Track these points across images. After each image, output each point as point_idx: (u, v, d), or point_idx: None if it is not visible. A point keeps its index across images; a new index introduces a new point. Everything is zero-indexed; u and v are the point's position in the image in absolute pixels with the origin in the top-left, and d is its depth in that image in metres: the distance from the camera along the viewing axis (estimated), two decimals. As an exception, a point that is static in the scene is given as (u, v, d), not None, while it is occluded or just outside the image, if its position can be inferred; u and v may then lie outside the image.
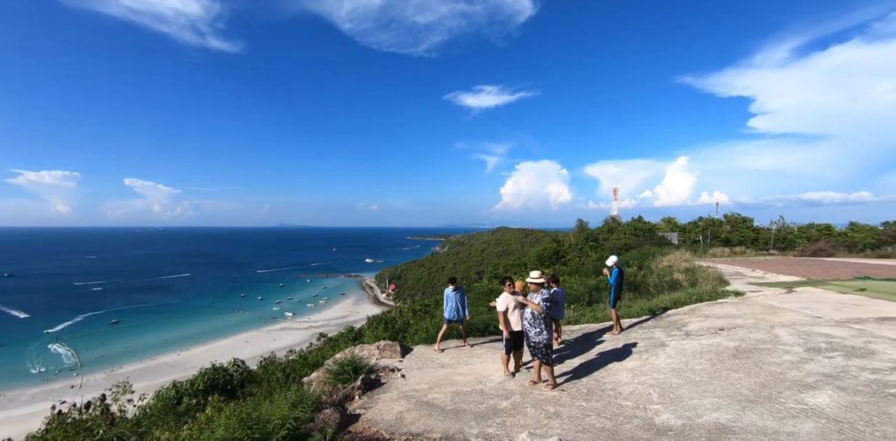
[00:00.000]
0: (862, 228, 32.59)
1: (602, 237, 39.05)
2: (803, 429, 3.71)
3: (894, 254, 25.70)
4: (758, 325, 7.47)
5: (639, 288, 14.53)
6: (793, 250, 29.42)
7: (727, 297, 10.43)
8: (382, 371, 7.80)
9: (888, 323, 7.01)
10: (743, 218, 38.43)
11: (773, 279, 13.37)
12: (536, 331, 5.85)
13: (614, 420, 4.51)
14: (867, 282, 11.80)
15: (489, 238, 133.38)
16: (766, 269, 16.73)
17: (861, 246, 29.00)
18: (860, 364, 5.09)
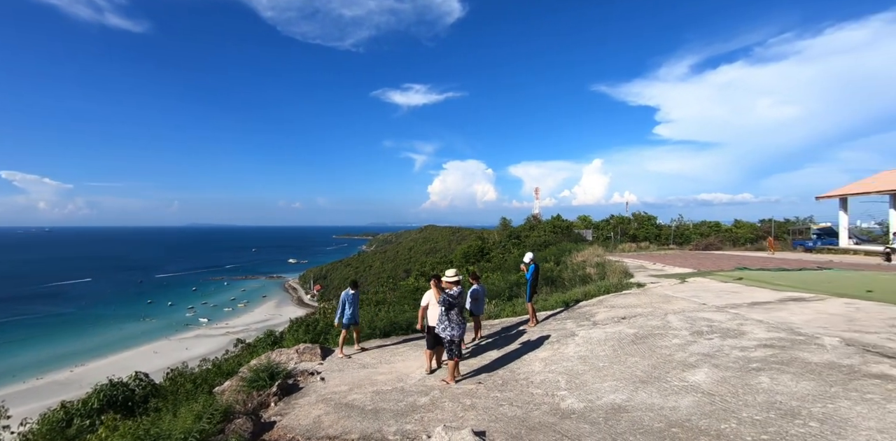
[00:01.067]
0: (743, 225, 37.12)
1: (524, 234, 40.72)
2: (683, 403, 4.19)
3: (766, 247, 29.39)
4: (654, 312, 8.26)
5: (555, 282, 15.39)
6: (689, 245, 32.71)
7: (631, 288, 11.40)
8: (301, 375, 7.59)
9: (758, 307, 8.07)
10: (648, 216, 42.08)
11: (670, 271, 14.81)
12: (441, 327, 6.06)
13: (525, 408, 4.78)
14: (744, 272, 13.48)
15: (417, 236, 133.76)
16: (666, 262, 18.48)
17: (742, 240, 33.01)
18: (732, 343, 5.83)
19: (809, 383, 4.20)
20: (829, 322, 6.58)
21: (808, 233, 28.55)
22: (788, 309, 7.72)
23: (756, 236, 33.46)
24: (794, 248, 26.86)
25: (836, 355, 4.92)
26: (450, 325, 6.01)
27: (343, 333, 8.84)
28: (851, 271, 13.60)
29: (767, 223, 35.36)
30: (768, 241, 25.56)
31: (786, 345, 5.48)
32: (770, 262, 17.20)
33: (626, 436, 3.72)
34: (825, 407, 3.69)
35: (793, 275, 12.59)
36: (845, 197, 24.82)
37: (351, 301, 8.73)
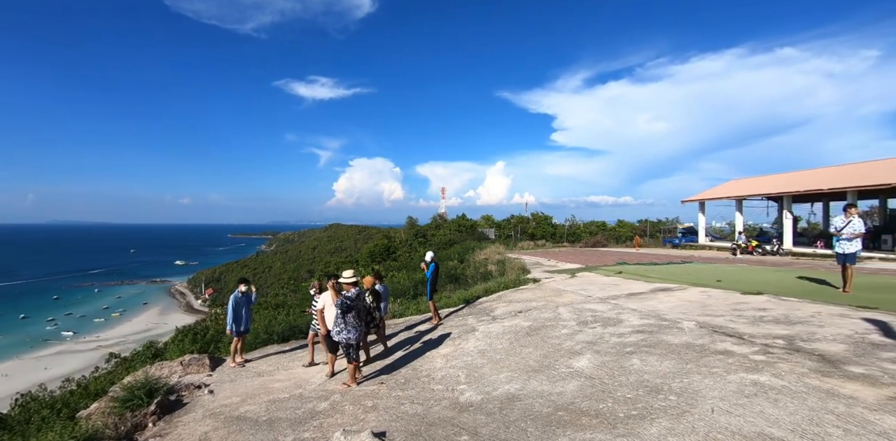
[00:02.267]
0: (625, 225, 41.40)
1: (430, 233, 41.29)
2: (569, 388, 4.56)
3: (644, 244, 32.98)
4: (547, 306, 8.88)
5: (459, 279, 15.84)
6: (580, 242, 35.62)
7: (528, 283, 12.13)
8: (186, 389, 6.94)
9: (633, 297, 9.05)
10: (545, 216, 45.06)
11: (563, 267, 16.02)
12: (337, 330, 5.95)
13: (426, 404, 4.85)
14: (624, 266, 15.05)
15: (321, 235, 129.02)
16: (559, 258, 19.95)
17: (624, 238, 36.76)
18: (612, 331, 6.46)
19: (671, 362, 4.82)
20: (688, 308, 7.60)
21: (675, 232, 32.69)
22: (657, 298, 8.77)
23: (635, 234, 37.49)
24: (664, 245, 30.58)
25: (692, 337, 5.70)
26: (346, 328, 5.89)
27: (235, 341, 8.23)
28: (707, 264, 15.85)
29: (644, 223, 39.79)
30: (635, 239, 30.13)
31: (654, 330, 6.23)
32: (645, 257, 19.42)
33: (518, 423, 3.94)
34: (682, 382, 4.25)
35: (661, 268, 14.34)
36: (703, 201, 28.84)
37: (242, 303, 8.11)
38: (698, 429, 3.32)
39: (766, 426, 3.24)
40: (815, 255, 19.37)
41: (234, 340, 8.20)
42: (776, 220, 27.16)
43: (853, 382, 3.90)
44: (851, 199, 20.08)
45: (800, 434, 3.09)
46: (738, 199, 26.40)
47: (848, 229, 8.42)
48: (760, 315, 6.72)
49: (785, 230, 23.23)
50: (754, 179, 29.96)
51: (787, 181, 25.13)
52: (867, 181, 19.17)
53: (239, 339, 8.21)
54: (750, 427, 3.26)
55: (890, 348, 4.85)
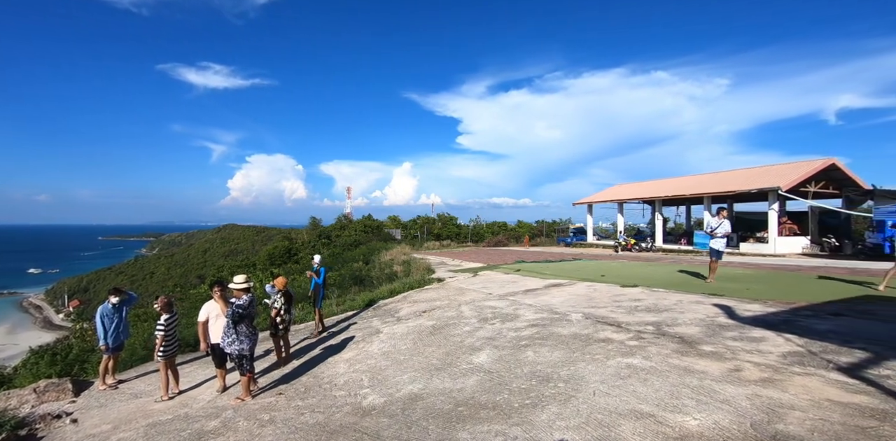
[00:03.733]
0: (524, 225, 43.92)
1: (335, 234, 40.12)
2: (469, 383, 4.72)
3: (541, 243, 35.26)
4: (450, 304, 9.11)
5: (364, 281, 15.60)
6: (483, 242, 37.05)
7: (432, 283, 12.33)
8: (41, 421, 5.98)
9: (530, 293, 9.64)
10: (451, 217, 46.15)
11: (466, 266, 16.54)
12: (228, 341, 5.55)
13: (327, 412, 4.71)
14: (522, 264, 15.97)
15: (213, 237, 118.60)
16: (463, 258, 20.57)
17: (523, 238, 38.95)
18: (509, 326, 6.82)
19: (560, 352, 5.22)
20: (577, 301, 8.30)
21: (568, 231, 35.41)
22: (551, 293, 9.44)
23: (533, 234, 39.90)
24: (558, 244, 33.01)
25: (579, 327, 6.24)
26: (238, 338, 5.50)
27: (105, 359, 7.24)
28: (593, 261, 17.43)
29: (541, 223, 42.56)
30: (524, 239, 33.15)
31: (546, 323, 6.70)
32: (541, 256, 20.79)
33: (420, 422, 3.99)
34: (569, 369, 4.63)
35: (555, 265, 15.47)
36: (591, 204, 31.65)
37: (112, 315, 7.10)
38: (582, 411, 3.64)
39: (637, 403, 3.66)
40: (680, 251, 22.26)
41: (104, 358, 7.20)
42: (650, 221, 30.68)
43: (704, 359, 4.57)
44: (706, 204, 23.44)
45: (663, 407, 3.54)
46: (620, 202, 29.43)
47: (720, 229, 9.89)
48: (635, 305, 7.57)
49: (657, 230, 26.40)
50: (633, 185, 33.61)
51: (658, 187, 28.58)
52: (718, 188, 22.50)
53: (110, 357, 7.23)
54: (624, 405, 3.65)
55: (732, 328, 5.75)
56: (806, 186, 20.09)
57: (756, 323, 6.00)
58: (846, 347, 4.80)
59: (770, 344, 5.03)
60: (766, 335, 5.38)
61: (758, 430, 3.11)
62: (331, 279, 17.12)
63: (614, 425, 3.34)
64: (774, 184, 19.20)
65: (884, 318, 6.10)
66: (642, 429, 3.25)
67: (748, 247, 20.59)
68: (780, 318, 6.23)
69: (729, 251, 20.56)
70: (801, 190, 19.91)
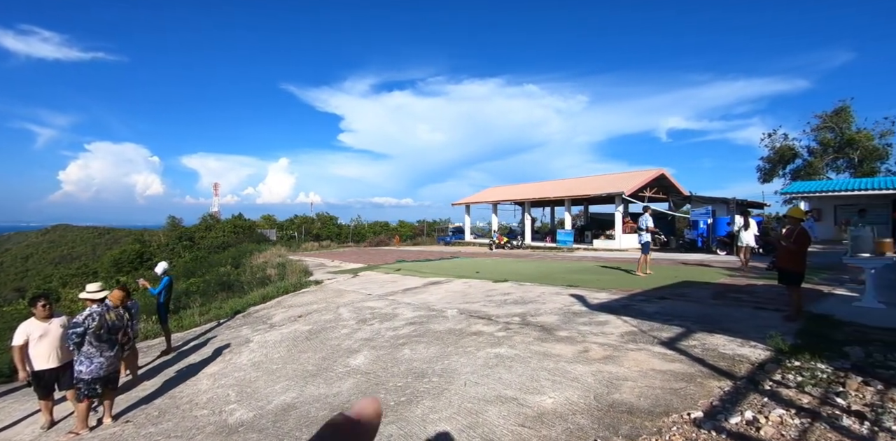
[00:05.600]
0: (406, 225, 44.40)
1: (199, 235, 36.18)
2: (345, 387, 4.66)
3: (422, 242, 36.00)
4: (328, 307, 8.85)
5: (233, 287, 14.35)
6: (364, 242, 36.59)
7: (309, 286, 11.83)
8: None
9: (409, 292, 9.80)
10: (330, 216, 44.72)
11: (346, 267, 16.20)
12: (76, 361, 4.78)
13: (186, 435, 4.26)
14: (402, 264, 16.15)
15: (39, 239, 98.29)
16: (343, 258, 20.09)
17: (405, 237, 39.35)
18: (388, 326, 6.87)
19: (435, 348, 5.42)
20: (453, 298, 8.67)
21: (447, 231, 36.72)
22: (429, 291, 9.72)
23: (414, 234, 40.54)
24: (438, 243, 34.05)
25: (454, 323, 6.54)
26: (78, 358, 4.71)
27: None
28: (470, 258, 18.35)
29: (422, 223, 43.45)
30: (395, 239, 33.83)
31: (423, 320, 6.89)
32: (421, 254, 21.24)
33: (293, 432, 3.83)
34: (443, 364, 4.83)
35: (434, 264, 15.95)
36: (468, 204, 33.22)
37: None
38: (454, 402, 3.83)
39: (503, 389, 3.97)
40: (545, 247, 24.54)
41: None
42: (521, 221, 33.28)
43: (560, 344, 5.13)
44: (567, 205, 26.19)
45: (524, 390, 3.89)
46: (494, 203, 31.41)
47: (649, 224, 11.39)
48: (505, 298, 8.17)
49: (526, 229, 28.74)
50: (506, 188, 36.11)
51: (528, 190, 31.14)
52: (577, 192, 25.29)
53: None
54: (491, 392, 3.94)
55: (584, 315, 6.54)
56: (643, 192, 23.68)
57: (602, 309, 6.91)
58: (667, 325, 5.78)
59: (612, 326, 5.84)
60: (610, 319, 6.23)
61: (599, 401, 3.60)
62: (193, 286, 15.42)
63: (482, 412, 3.59)
64: (619, 189, 22.23)
65: (693, 299, 7.49)
66: (506, 412, 3.55)
67: (600, 243, 23.52)
68: (621, 304, 7.27)
69: (584, 247, 23.28)
70: (639, 195, 23.40)
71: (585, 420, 3.31)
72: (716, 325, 5.73)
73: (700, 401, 3.54)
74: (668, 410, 3.39)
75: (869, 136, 32.04)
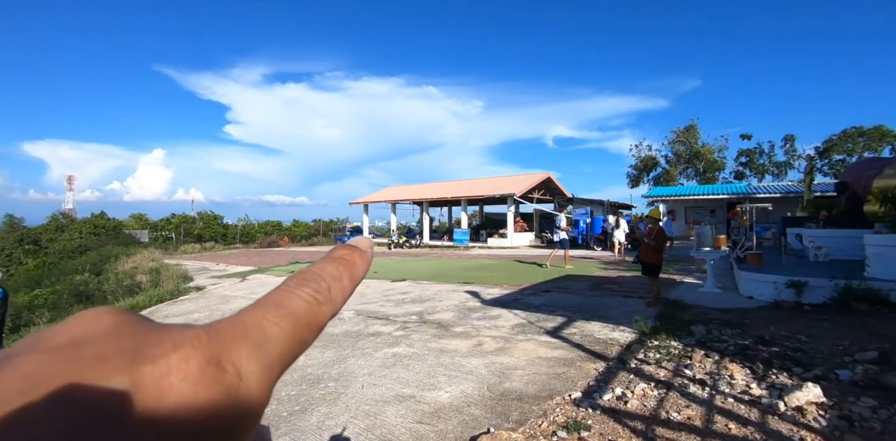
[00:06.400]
0: (300, 224, 42.32)
1: (47, 238, 30.77)
2: (231, 400, 4.30)
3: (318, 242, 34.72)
4: (212, 316, 8.10)
5: (93, 297, 12.46)
6: (254, 243, 34.16)
7: (189, 293, 10.72)
8: None
9: (304, 295, 9.37)
10: (215, 215, 40.90)
11: (233, 270, 14.99)
12: None
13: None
14: (297, 265, 15.41)
15: None
16: (230, 261, 18.55)
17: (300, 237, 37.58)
18: (280, 332, 6.49)
19: (331, 351, 5.26)
20: (351, 299, 8.48)
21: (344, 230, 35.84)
22: (325, 293, 9.39)
23: (310, 234, 38.88)
24: (335, 243, 33.10)
25: (351, 324, 6.40)
26: None
27: None
28: (369, 258, 18.11)
29: (318, 223, 41.84)
30: (284, 239, 32.60)
31: (320, 324, 6.65)
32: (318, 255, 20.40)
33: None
34: (340, 367, 4.71)
35: (332, 265, 15.47)
36: (367, 204, 32.76)
37: None
38: (351, 406, 3.76)
39: (401, 388, 3.99)
40: (443, 246, 25.14)
41: None
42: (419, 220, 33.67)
43: (456, 339, 5.30)
44: (464, 205, 27.10)
45: (421, 387, 3.95)
46: (393, 202, 31.37)
47: (561, 222, 11.87)
48: (403, 298, 8.21)
49: (425, 228, 29.17)
50: (405, 187, 36.28)
51: (426, 190, 31.62)
52: (473, 193, 26.30)
53: None
54: (389, 392, 3.93)
55: (478, 310, 6.83)
56: (532, 193, 25.43)
57: (495, 304, 7.28)
58: (552, 315, 6.28)
59: (504, 319, 6.18)
60: (502, 313, 6.59)
61: (492, 391, 3.79)
62: (39, 299, 13.09)
63: (380, 413, 3.57)
64: (511, 191, 23.60)
65: (574, 291, 8.23)
66: (404, 410, 3.57)
67: (493, 241, 24.75)
68: (512, 298, 7.73)
69: (479, 245, 24.32)
70: (528, 196, 25.08)
71: (479, 410, 3.46)
72: (592, 313, 6.37)
73: (579, 382, 3.91)
74: (553, 394, 3.69)
75: (710, 150, 38.93)
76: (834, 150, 35.22)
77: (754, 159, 38.86)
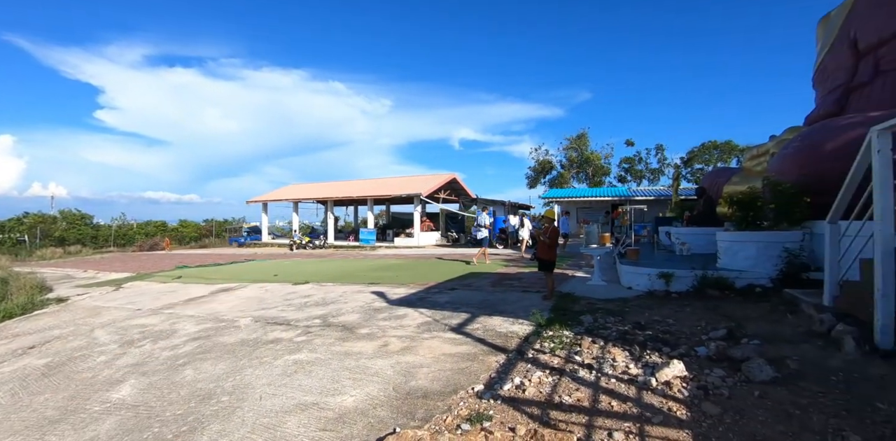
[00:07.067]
0: (189, 224, 38.51)
1: None
2: (104, 428, 3.80)
3: (210, 244, 31.99)
4: (78, 331, 7.06)
5: None
6: (132, 246, 30.39)
7: (47, 306, 9.22)
8: None
9: (192, 302, 8.57)
10: (82, 214, 35.57)
11: (105, 278, 13.19)
12: None
13: None
14: (184, 270, 14.02)
15: None
16: (101, 267, 16.30)
17: (188, 239, 34.24)
18: (164, 345, 5.87)
19: (225, 363, 4.88)
20: (247, 305, 7.94)
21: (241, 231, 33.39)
22: (218, 299, 8.68)
23: (200, 235, 35.60)
24: (231, 244, 30.68)
25: (247, 332, 6.00)
26: None
27: None
28: (268, 261, 17.08)
29: (210, 223, 38.43)
30: (165, 242, 29.60)
31: (211, 333, 6.13)
32: (209, 258, 18.78)
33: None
34: (235, 380, 4.39)
35: (224, 268, 14.32)
36: (266, 202, 30.85)
37: None
38: (247, 420, 3.52)
39: (303, 396, 3.84)
40: (349, 246, 24.56)
41: None
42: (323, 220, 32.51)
43: (361, 341, 5.22)
44: (370, 205, 26.72)
45: (325, 393, 3.84)
46: (296, 201, 29.91)
47: (483, 221, 11.80)
48: (305, 301, 7.89)
49: (329, 228, 28.25)
50: (308, 185, 34.76)
51: (331, 189, 30.63)
52: (380, 192, 26.04)
53: None
54: (290, 401, 3.76)
55: (384, 310, 6.79)
56: (438, 194, 25.88)
57: (401, 303, 7.30)
58: (456, 312, 6.46)
59: (410, 319, 6.23)
60: (408, 312, 6.63)
61: (398, 391, 3.81)
62: None
63: (280, 425, 3.40)
64: (418, 191, 23.79)
65: (477, 288, 8.55)
66: (307, 419, 3.44)
67: (400, 240, 24.75)
68: (418, 297, 7.81)
69: (386, 245, 24.18)
70: (435, 196, 25.51)
71: (385, 412, 3.45)
72: (494, 308, 6.68)
73: (482, 375, 4.08)
74: (457, 388, 3.80)
75: (598, 157, 43.74)
76: (695, 160, 41.45)
77: (634, 166, 44.08)
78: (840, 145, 7.08)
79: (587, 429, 3.04)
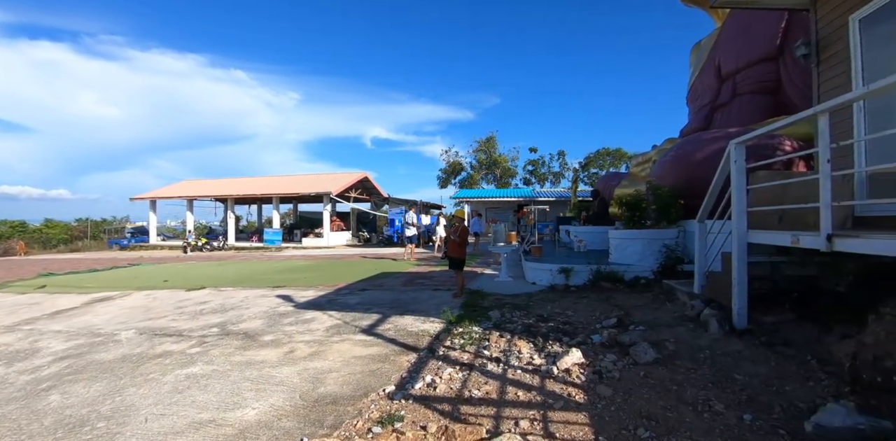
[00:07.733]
0: (56, 225, 33.46)
1: None
2: (-67, 471, 3.15)
3: (83, 247, 28.17)
4: None
5: None
6: (-23, 252, 25.66)
7: None
8: None
9: (60, 315, 7.44)
10: None
11: (-61, 291, 10.94)
12: None
13: None
14: (50, 278, 12.13)
15: None
16: (-68, 279, 13.48)
17: (55, 242, 29.75)
18: (22, 367, 5.02)
19: (102, 383, 4.30)
20: (130, 316, 7.08)
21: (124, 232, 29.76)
22: (94, 311, 7.63)
23: (71, 237, 31.16)
24: (111, 247, 27.18)
25: (130, 347, 5.34)
26: None
27: None
28: (156, 265, 15.39)
29: (84, 223, 33.74)
30: (19, 245, 25.79)
31: (84, 351, 5.36)
32: (82, 264, 16.43)
33: None
34: (114, 402, 3.88)
35: (102, 274, 12.64)
36: (155, 200, 27.79)
37: None
38: (129, 445, 3.14)
39: (197, 413, 3.50)
40: (252, 247, 23.01)
41: None
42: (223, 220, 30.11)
43: (265, 349, 4.91)
44: (275, 204, 25.28)
45: (224, 408, 3.55)
46: (190, 199, 27.32)
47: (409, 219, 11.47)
48: (201, 308, 7.23)
49: (230, 228, 26.22)
50: (205, 182, 31.90)
51: (232, 186, 28.44)
52: (286, 190, 24.74)
53: None
54: (182, 421, 3.41)
55: (290, 315, 6.46)
56: (349, 192, 25.24)
57: (309, 306, 7.00)
58: (367, 313, 6.35)
59: (318, 322, 5.99)
60: (316, 315, 6.38)
61: (305, 399, 3.64)
62: None
63: (169, 446, 3.07)
64: (328, 189, 23.00)
65: (388, 288, 8.48)
66: (202, 438, 3.15)
67: (309, 241, 23.75)
68: (327, 299, 7.54)
69: (294, 245, 23.07)
70: (346, 195, 24.83)
71: (292, 422, 3.28)
72: (406, 308, 6.67)
73: (393, 376, 4.05)
74: (368, 391, 3.73)
75: (505, 159, 46.23)
76: (591, 165, 45.55)
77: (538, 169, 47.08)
78: (707, 156, 8.15)
79: (495, 420, 3.15)
